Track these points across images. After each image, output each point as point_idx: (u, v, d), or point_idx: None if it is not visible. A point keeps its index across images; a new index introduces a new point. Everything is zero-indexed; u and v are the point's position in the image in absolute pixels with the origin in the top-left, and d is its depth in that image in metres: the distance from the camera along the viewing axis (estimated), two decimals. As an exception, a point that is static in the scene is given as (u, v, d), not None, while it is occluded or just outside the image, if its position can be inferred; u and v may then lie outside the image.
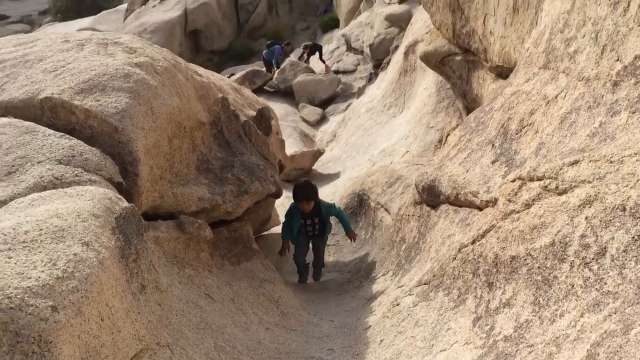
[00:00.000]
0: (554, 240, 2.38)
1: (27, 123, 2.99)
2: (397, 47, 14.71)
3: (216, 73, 6.33)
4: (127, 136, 3.00)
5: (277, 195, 4.84)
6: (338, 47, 19.03)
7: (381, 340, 3.21)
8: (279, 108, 16.43)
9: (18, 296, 1.60)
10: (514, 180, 2.99)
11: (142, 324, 2.18)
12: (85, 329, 1.75)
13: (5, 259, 1.73)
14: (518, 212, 2.77)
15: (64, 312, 1.67)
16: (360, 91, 15.56)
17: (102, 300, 1.90)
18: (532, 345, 2.17)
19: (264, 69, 19.05)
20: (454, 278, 3.13)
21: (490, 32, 6.31)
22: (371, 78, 15.83)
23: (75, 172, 2.68)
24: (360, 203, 7.23)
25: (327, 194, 10.89)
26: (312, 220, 5.50)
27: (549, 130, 3.06)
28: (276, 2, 27.74)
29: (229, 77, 18.58)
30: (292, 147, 12.90)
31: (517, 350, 2.23)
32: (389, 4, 16.92)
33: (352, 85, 16.85)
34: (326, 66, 18.03)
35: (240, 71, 19.04)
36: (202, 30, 25.28)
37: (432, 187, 4.26)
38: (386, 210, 6.43)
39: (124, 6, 37.53)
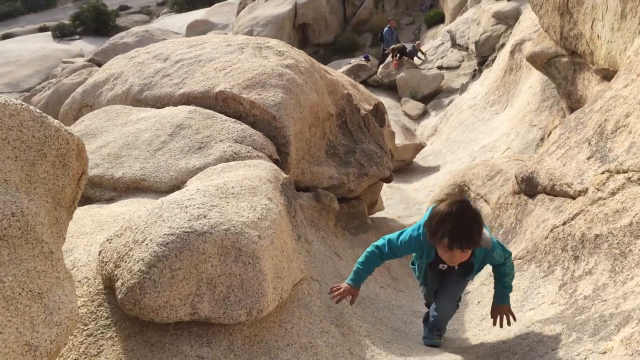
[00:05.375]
0: (632, 221, 2.91)
1: (207, 110, 3.88)
2: (503, 44, 14.85)
3: (336, 71, 7.08)
4: (282, 123, 3.82)
5: (389, 180, 5.52)
6: (443, 43, 19.30)
7: (478, 302, 3.83)
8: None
9: (239, 226, 2.41)
10: (603, 173, 3.50)
11: (301, 261, 2.96)
12: (274, 254, 2.55)
13: (224, 203, 2.56)
14: (604, 199, 3.30)
15: (264, 240, 2.47)
16: (464, 87, 15.84)
17: (282, 238, 2.69)
18: (606, 300, 2.73)
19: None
20: (545, 253, 3.69)
21: (598, 36, 6.60)
22: (475, 75, 16.07)
23: (247, 149, 3.51)
24: (460, 194, 7.74)
25: (428, 184, 11.43)
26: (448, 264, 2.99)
27: (640, 131, 3.53)
28: (382, -3, 28.28)
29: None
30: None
31: (592, 305, 2.80)
32: (497, 0, 16.99)
33: (455, 81, 17.14)
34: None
35: (346, 64, 19.86)
36: (310, 24, 26.35)
37: (531, 178, 4.78)
38: (485, 201, 6.92)
39: (237, -1, 39.47)
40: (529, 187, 4.88)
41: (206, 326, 2.39)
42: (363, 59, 20.22)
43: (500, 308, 3.04)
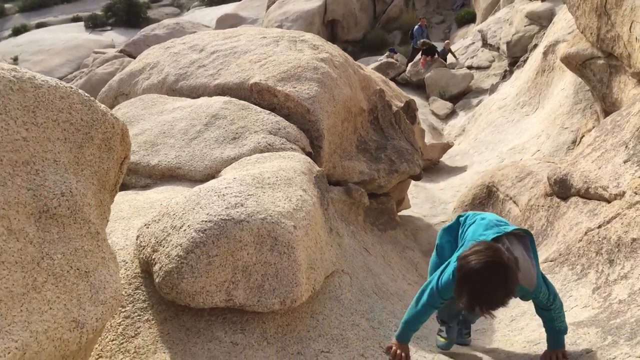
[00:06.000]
0: (671, 226, 2.85)
1: (242, 102, 3.91)
2: (536, 45, 14.63)
3: (367, 67, 7.05)
4: (316, 117, 3.83)
5: (419, 177, 5.50)
6: (473, 43, 19.10)
7: (508, 303, 3.80)
8: (410, 100, 16.97)
9: (275, 216, 2.43)
10: (641, 176, 3.44)
11: (333, 254, 2.97)
12: (308, 245, 2.56)
13: (261, 192, 2.58)
14: (642, 203, 3.24)
15: (299, 231, 2.49)
16: (493, 88, 15.65)
17: (316, 229, 2.70)
18: (642, 305, 2.68)
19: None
20: (578, 256, 3.64)
21: (636, 38, 6.46)
22: (505, 75, 15.88)
23: (281, 141, 3.53)
24: (488, 194, 7.66)
25: (455, 184, 11.35)
26: None
27: (680, 134, 3.46)
28: (413, -5, 28.08)
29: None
30: (421, 138, 13.42)
31: (628, 309, 2.75)
32: (530, 0, 16.75)
33: (485, 81, 16.96)
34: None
35: (374, 62, 19.78)
36: (339, 20, 26.29)
37: (564, 180, 4.71)
38: (515, 202, 6.85)
39: (267, -7, 39.54)
40: (562, 189, 4.82)
41: (240, 313, 2.41)
42: (389, 52, 20.09)
43: (554, 353, 2.62)
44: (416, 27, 20.10)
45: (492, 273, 2.23)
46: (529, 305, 3.56)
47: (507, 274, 2.24)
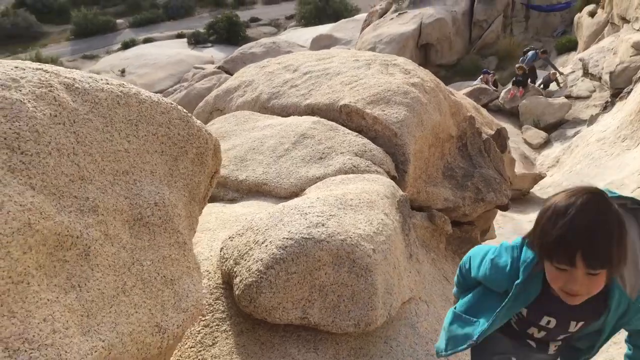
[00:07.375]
0: None
1: (330, 122, 3.97)
2: (642, 77, 13.84)
3: (458, 93, 6.96)
4: (403, 141, 3.82)
5: (506, 208, 5.33)
6: (573, 71, 18.33)
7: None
8: (501, 127, 16.46)
9: (355, 238, 2.44)
10: None
11: (411, 280, 2.94)
12: (386, 270, 2.55)
13: (342, 214, 2.60)
14: None
15: (378, 255, 2.48)
16: (593, 119, 14.92)
17: (395, 255, 2.69)
18: None
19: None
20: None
21: None
22: (606, 106, 15.10)
23: (367, 163, 3.55)
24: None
25: (544, 218, 10.87)
26: (560, 319, 1.73)
27: None
28: (512, 21, 27.41)
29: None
30: (511, 167, 12.99)
31: None
32: (638, 30, 15.90)
33: (584, 112, 16.21)
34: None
35: (467, 87, 19.40)
36: (433, 44, 26.10)
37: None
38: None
39: (361, 16, 40.04)
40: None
41: (314, 332, 2.43)
42: (483, 74, 19.54)
43: None
44: (532, 52, 19.15)
45: (601, 207, 1.41)
46: (618, 352, 3.34)
47: (617, 213, 1.42)
